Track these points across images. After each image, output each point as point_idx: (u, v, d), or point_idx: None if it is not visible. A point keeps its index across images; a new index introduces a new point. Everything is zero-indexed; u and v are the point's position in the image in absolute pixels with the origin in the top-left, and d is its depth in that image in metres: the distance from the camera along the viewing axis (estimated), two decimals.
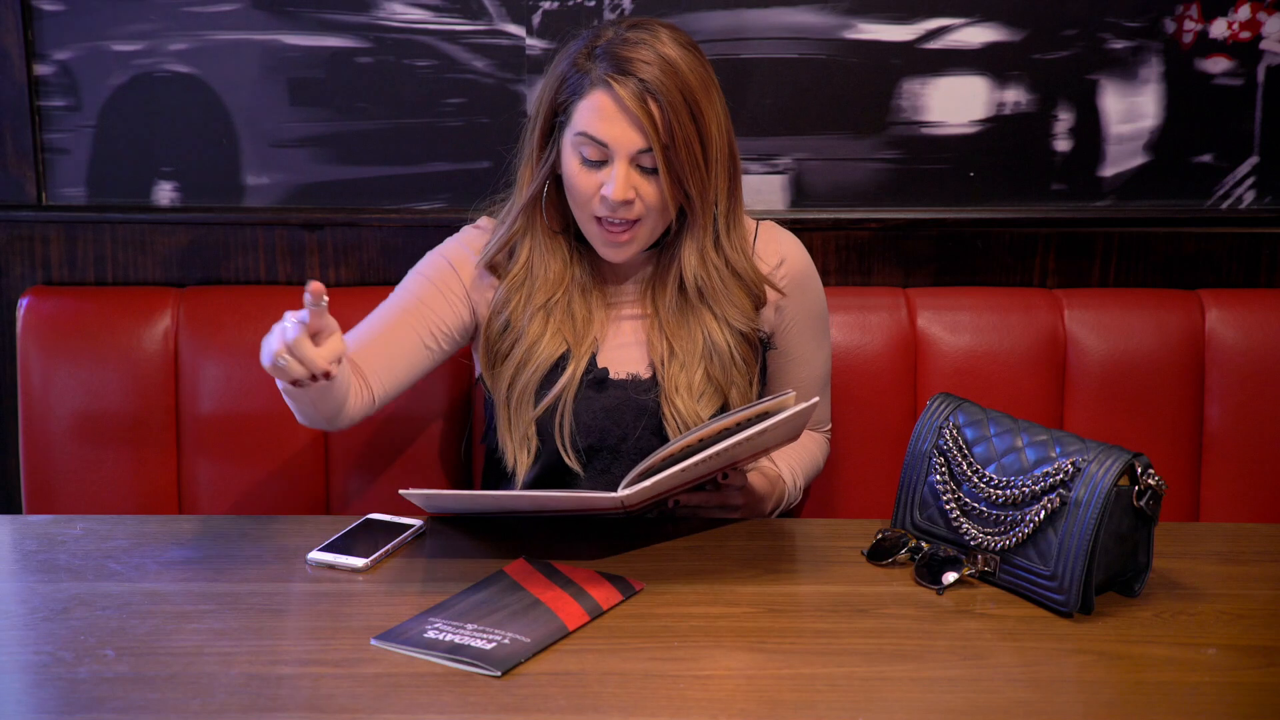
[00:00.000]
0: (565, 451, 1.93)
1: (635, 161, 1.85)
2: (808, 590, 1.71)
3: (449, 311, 1.98)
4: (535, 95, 1.94)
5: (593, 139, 1.85)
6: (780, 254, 2.02)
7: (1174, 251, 2.43)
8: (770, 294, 1.99)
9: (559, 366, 1.94)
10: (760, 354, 2.00)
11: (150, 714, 1.42)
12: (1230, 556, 1.82)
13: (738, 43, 2.37)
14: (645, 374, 1.96)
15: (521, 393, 1.94)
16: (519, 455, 1.94)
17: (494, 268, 1.97)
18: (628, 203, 1.86)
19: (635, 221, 1.88)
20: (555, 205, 1.95)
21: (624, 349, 1.98)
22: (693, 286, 1.93)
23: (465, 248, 2.01)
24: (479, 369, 2.04)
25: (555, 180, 1.93)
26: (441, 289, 1.98)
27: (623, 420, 1.94)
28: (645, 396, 1.94)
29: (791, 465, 2.04)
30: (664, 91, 1.82)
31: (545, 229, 1.95)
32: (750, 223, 2.03)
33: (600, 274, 2.00)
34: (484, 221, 2.04)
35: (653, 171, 1.86)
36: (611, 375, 1.95)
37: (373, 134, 2.40)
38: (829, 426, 2.17)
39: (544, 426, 1.94)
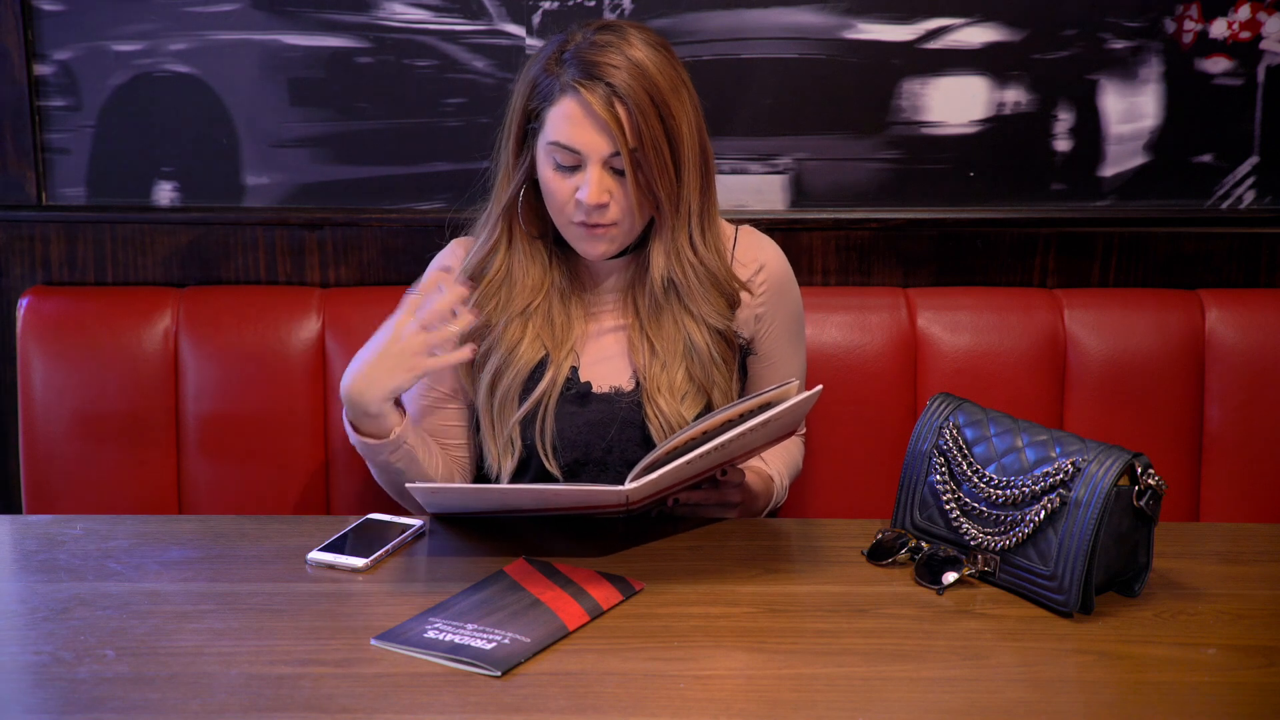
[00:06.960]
0: (547, 458, 1.93)
1: (608, 164, 1.86)
2: (808, 590, 1.71)
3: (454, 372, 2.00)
4: (510, 100, 1.94)
5: (564, 146, 1.85)
6: (760, 260, 2.01)
7: (1174, 251, 2.42)
8: (750, 300, 1.99)
9: (539, 372, 1.94)
10: (738, 355, 2.00)
11: (150, 714, 1.42)
12: (1230, 556, 1.82)
13: (738, 43, 2.37)
14: (628, 385, 1.96)
15: (504, 398, 1.94)
16: (503, 461, 1.95)
17: (475, 279, 1.98)
18: (602, 206, 1.86)
19: (613, 223, 1.89)
20: (533, 209, 1.96)
21: (607, 362, 1.98)
22: (663, 284, 1.92)
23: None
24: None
25: (532, 184, 1.94)
26: None
27: (607, 433, 1.94)
28: (629, 407, 1.94)
29: (778, 466, 2.06)
30: (631, 94, 1.82)
31: (524, 234, 1.96)
32: (729, 228, 2.03)
33: (579, 280, 2.01)
34: (457, 248, 2.04)
35: (625, 173, 1.86)
36: (594, 389, 1.95)
37: (373, 134, 2.40)
38: (804, 430, 2.18)
39: (526, 433, 1.94)
